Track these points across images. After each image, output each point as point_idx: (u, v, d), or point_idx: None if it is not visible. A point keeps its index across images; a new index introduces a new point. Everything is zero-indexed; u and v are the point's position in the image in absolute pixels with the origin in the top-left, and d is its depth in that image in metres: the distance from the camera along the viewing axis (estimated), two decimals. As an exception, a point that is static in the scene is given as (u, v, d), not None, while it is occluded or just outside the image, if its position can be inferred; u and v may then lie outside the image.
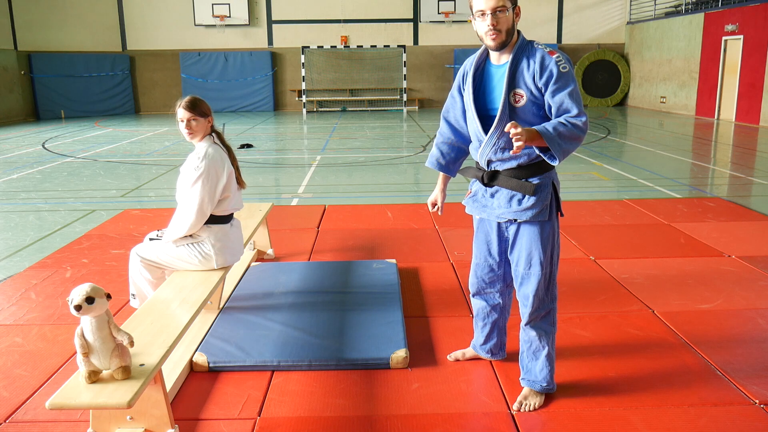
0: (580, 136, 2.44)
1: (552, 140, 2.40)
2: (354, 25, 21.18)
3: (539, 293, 2.67)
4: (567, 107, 2.44)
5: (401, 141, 13.17)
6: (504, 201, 2.63)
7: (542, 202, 2.58)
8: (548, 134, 2.40)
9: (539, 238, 2.62)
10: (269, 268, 4.51)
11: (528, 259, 2.65)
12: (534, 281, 2.66)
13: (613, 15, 21.40)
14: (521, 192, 2.57)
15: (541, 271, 2.65)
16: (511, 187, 2.59)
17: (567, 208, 6.32)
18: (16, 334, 3.57)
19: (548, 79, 2.45)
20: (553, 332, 2.76)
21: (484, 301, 2.95)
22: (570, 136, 2.42)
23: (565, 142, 2.42)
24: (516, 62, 2.51)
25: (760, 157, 10.12)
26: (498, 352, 3.08)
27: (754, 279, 4.28)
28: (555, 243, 2.67)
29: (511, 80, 2.50)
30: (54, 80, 19.63)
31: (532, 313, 2.70)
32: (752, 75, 14.75)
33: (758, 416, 2.64)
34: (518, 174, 2.58)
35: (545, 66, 2.45)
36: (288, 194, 7.66)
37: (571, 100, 2.44)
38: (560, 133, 2.41)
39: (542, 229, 2.62)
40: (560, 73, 2.44)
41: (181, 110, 3.28)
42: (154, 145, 12.67)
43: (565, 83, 2.45)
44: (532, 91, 2.49)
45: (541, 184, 2.58)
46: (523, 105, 2.51)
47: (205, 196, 3.26)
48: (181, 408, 2.78)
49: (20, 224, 6.25)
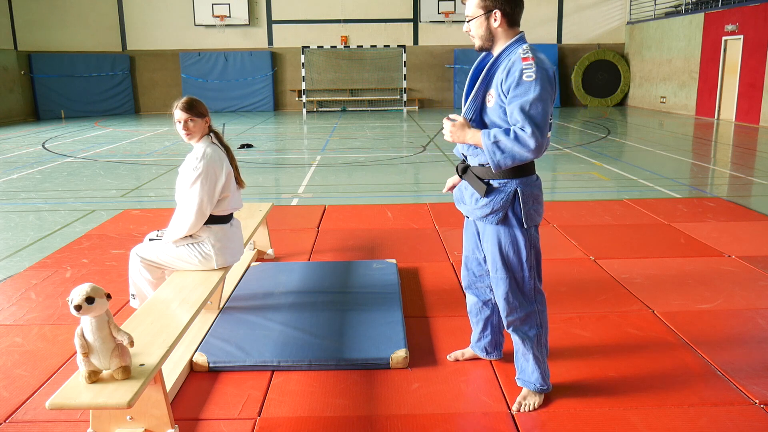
0: (522, 149, 2.35)
1: (487, 146, 2.40)
2: (354, 25, 21.18)
3: (508, 297, 2.64)
4: (516, 117, 2.37)
5: (401, 141, 13.17)
6: (468, 196, 2.66)
7: (493, 206, 2.54)
8: (486, 139, 2.40)
9: (499, 242, 2.59)
10: (269, 268, 4.51)
11: (494, 263, 2.64)
12: (502, 285, 2.64)
13: (613, 15, 21.40)
14: (476, 190, 2.58)
15: (507, 275, 2.61)
16: (470, 184, 2.62)
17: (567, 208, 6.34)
18: (16, 334, 3.57)
19: (510, 85, 2.39)
20: (536, 335, 2.70)
21: (475, 296, 2.95)
22: (510, 147, 2.36)
23: (502, 152, 2.38)
24: (496, 62, 2.49)
25: (760, 157, 10.12)
26: (493, 351, 3.07)
27: (754, 279, 4.28)
28: (523, 248, 2.59)
29: (486, 79, 2.51)
30: (54, 80, 19.63)
31: (506, 317, 2.68)
32: (752, 75, 14.75)
33: (758, 416, 2.64)
34: (482, 173, 2.57)
35: (512, 71, 2.39)
36: (288, 194, 7.66)
37: (520, 110, 2.35)
38: (498, 141, 2.37)
39: (504, 233, 2.58)
40: (521, 81, 2.35)
41: (178, 111, 3.28)
42: (154, 145, 12.67)
43: (524, 91, 2.35)
44: (500, 93, 2.44)
45: (498, 188, 2.53)
46: (492, 106, 2.49)
47: (204, 197, 3.26)
48: (181, 408, 2.78)
49: (20, 224, 6.25)
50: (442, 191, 3.04)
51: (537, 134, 2.34)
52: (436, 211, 6.35)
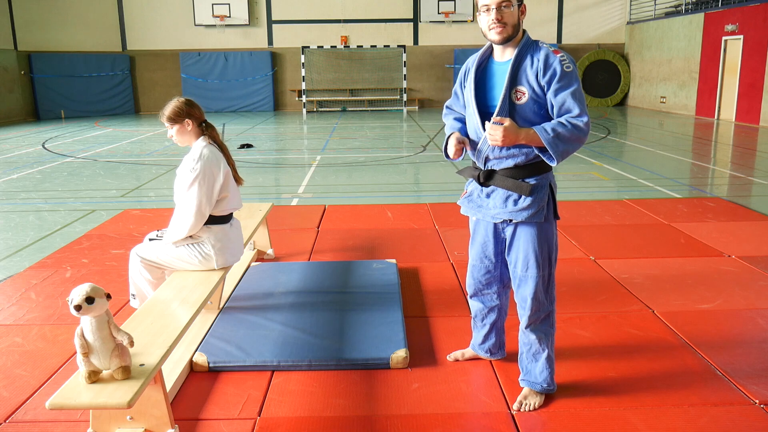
0: (580, 137, 2.42)
1: (549, 141, 2.40)
2: (354, 25, 21.18)
3: (538, 296, 2.65)
4: (569, 107, 2.42)
5: (401, 141, 13.17)
6: (500, 201, 2.61)
7: (538, 204, 2.56)
8: (545, 134, 2.40)
9: (536, 240, 2.60)
10: (269, 268, 4.50)
11: (525, 261, 2.63)
12: (532, 284, 2.64)
13: (613, 15, 21.40)
14: (517, 192, 2.55)
15: (539, 273, 2.63)
16: (507, 187, 2.57)
17: (567, 208, 6.34)
18: (16, 334, 3.57)
19: (551, 78, 2.43)
20: (552, 333, 2.75)
21: (481, 303, 2.94)
22: (569, 137, 2.41)
23: (564, 143, 2.41)
24: (520, 59, 2.49)
25: (760, 157, 10.11)
26: (497, 352, 3.08)
27: (754, 279, 4.27)
28: (553, 245, 2.66)
29: (513, 77, 2.49)
30: (54, 80, 19.62)
31: (531, 315, 2.68)
32: (752, 75, 14.75)
33: (758, 416, 2.64)
34: (515, 174, 2.56)
35: (549, 64, 2.43)
36: (288, 194, 7.66)
37: (573, 99, 2.42)
38: (558, 133, 2.40)
39: (539, 231, 2.60)
40: (564, 72, 2.42)
41: (165, 124, 3.31)
42: (154, 145, 12.67)
43: (568, 82, 2.42)
44: (534, 88, 2.46)
45: (537, 185, 2.56)
46: (524, 102, 2.49)
47: (203, 198, 3.25)
48: (181, 408, 2.78)
49: (20, 224, 6.25)
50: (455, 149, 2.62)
51: (589, 121, 2.44)
52: (436, 211, 6.34)
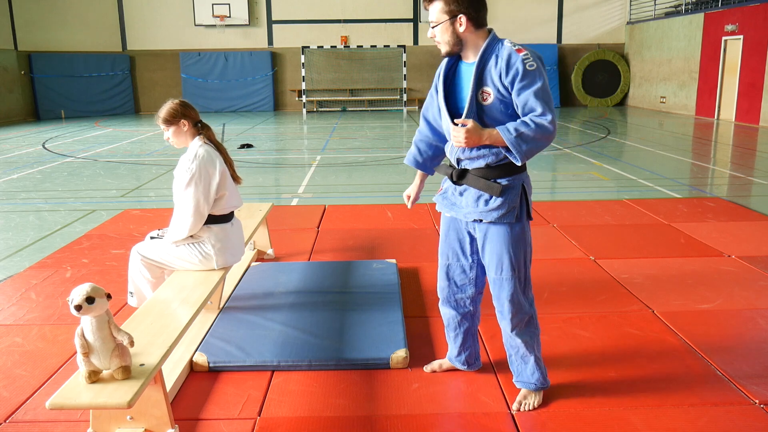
0: (545, 135, 2.40)
1: (511, 141, 2.39)
2: (354, 25, 21.18)
3: (515, 298, 2.63)
4: (532, 106, 2.40)
5: (401, 141, 13.17)
6: (472, 200, 2.60)
7: (509, 204, 2.54)
8: (508, 135, 2.39)
9: (508, 241, 2.58)
10: (269, 268, 4.51)
11: (499, 264, 2.61)
12: (507, 286, 2.62)
13: (613, 15, 21.39)
14: (488, 192, 2.54)
15: (514, 274, 2.61)
16: (478, 187, 2.57)
17: (567, 208, 6.34)
18: (16, 334, 3.57)
19: (514, 77, 2.41)
20: (538, 335, 2.73)
21: (453, 310, 2.87)
22: (533, 136, 2.39)
23: (527, 143, 2.39)
24: (484, 60, 2.48)
25: (760, 157, 10.12)
26: (474, 363, 3.02)
27: (754, 279, 4.27)
28: (526, 246, 2.63)
29: (479, 78, 2.48)
30: (54, 80, 19.62)
31: (513, 318, 2.65)
32: (752, 75, 14.75)
33: (758, 416, 2.64)
34: (486, 174, 2.55)
35: (511, 63, 2.41)
36: (288, 194, 7.66)
37: (536, 98, 2.39)
38: (521, 133, 2.38)
39: (511, 232, 2.58)
40: (526, 71, 2.39)
41: (161, 126, 3.32)
42: (154, 145, 12.67)
43: (531, 81, 2.40)
44: (499, 88, 2.45)
45: (509, 185, 2.54)
46: (491, 103, 2.48)
47: (200, 198, 3.25)
48: (181, 408, 2.78)
49: (20, 224, 6.25)
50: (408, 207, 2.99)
51: (554, 119, 2.40)
52: (435, 211, 6.34)
